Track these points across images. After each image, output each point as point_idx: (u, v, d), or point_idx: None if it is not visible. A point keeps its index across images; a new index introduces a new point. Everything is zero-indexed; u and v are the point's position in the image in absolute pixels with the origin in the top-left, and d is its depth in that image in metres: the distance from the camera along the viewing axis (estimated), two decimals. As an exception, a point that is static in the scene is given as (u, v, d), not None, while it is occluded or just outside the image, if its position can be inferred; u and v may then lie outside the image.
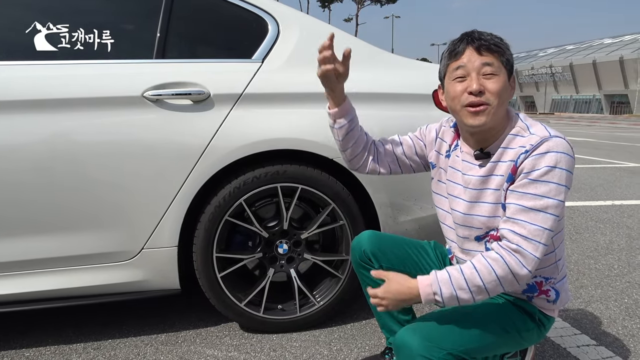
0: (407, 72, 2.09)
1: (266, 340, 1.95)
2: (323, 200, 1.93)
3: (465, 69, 1.22)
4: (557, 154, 1.16)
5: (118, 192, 1.76)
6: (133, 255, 1.83)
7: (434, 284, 1.18)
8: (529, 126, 1.24)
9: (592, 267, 2.80)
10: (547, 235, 1.16)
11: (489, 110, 1.21)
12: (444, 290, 1.17)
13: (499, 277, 1.16)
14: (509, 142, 1.24)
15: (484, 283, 1.16)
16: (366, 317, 2.15)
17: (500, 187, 1.25)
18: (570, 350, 1.85)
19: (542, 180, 1.15)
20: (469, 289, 1.17)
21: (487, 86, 1.21)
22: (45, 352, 1.86)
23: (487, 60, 1.21)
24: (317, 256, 2.01)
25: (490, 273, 1.16)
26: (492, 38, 1.23)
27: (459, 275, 1.17)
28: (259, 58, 1.92)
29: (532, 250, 1.15)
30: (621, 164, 7.56)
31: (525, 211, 1.17)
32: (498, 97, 1.21)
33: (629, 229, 3.63)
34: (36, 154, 1.69)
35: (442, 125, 1.49)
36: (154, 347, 1.91)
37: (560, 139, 1.18)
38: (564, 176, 1.16)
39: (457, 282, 1.17)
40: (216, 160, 1.80)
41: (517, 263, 1.16)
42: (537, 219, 1.16)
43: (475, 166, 1.31)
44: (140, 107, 1.77)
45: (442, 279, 1.18)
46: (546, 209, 1.16)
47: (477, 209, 1.30)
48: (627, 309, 2.24)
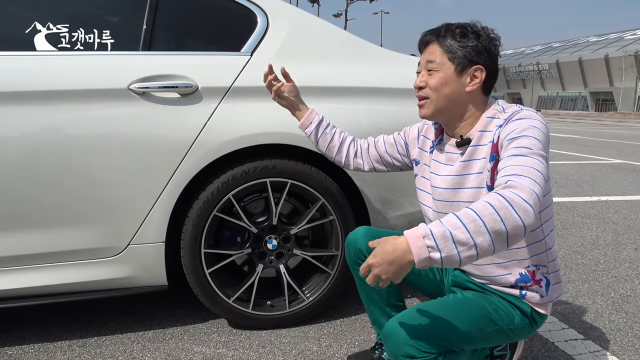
0: (397, 67, 2.08)
1: (255, 336, 1.93)
2: (313, 195, 1.91)
3: (420, 65, 1.35)
4: (531, 119, 1.20)
5: (103, 187, 1.73)
6: (119, 251, 1.80)
7: (425, 233, 0.99)
8: (505, 108, 1.30)
9: (579, 262, 2.83)
10: (539, 175, 1.06)
11: (428, 103, 1.32)
12: (436, 231, 0.98)
13: (495, 208, 0.99)
14: (486, 124, 1.29)
15: (481, 217, 0.98)
16: (356, 313, 2.15)
17: (483, 169, 1.26)
18: (558, 345, 1.86)
19: (522, 135, 1.16)
20: (464, 226, 0.98)
21: (427, 81, 1.31)
22: (29, 350, 1.82)
23: (430, 58, 1.31)
24: (306, 252, 1.99)
25: (484, 206, 1.00)
26: (445, 32, 1.30)
27: (451, 217, 1.01)
28: (248, 51, 1.90)
29: (527, 184, 1.03)
30: (607, 161, 7.66)
31: (513, 157, 1.12)
32: (436, 91, 1.30)
33: (615, 225, 3.67)
34: (19, 147, 1.65)
35: (425, 123, 1.54)
36: (140, 344, 1.88)
37: (532, 112, 1.24)
38: (541, 135, 1.17)
39: (450, 222, 0.99)
40: (204, 154, 1.77)
41: (513, 194, 1.01)
42: (525, 161, 1.10)
43: (457, 154, 1.35)
44: (126, 100, 1.73)
45: (434, 224, 1.00)
46: (532, 154, 1.11)
47: (461, 195, 1.31)
48: (614, 304, 2.26)
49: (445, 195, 1.35)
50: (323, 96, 1.90)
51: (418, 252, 0.97)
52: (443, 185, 1.35)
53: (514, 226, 0.98)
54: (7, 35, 1.74)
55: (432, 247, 0.97)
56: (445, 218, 1.00)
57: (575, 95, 56.69)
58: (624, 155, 8.53)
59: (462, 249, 0.97)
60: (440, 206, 1.37)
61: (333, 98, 1.92)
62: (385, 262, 1.00)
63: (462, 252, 0.97)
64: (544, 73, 60.02)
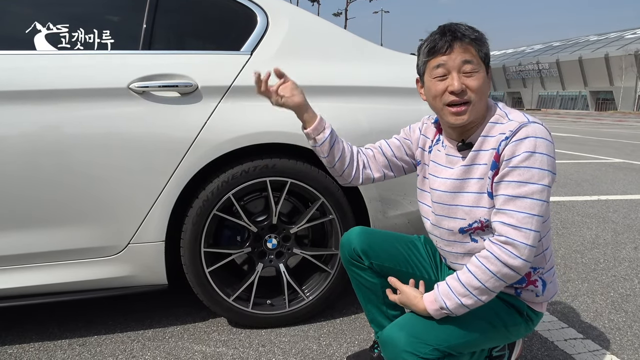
0: (396, 66, 2.08)
1: (255, 335, 1.94)
2: (312, 194, 1.91)
3: (446, 67, 1.21)
4: (536, 139, 1.17)
5: (103, 186, 1.73)
6: (119, 250, 1.80)
7: (438, 300, 1.20)
8: (507, 113, 1.25)
9: (578, 262, 2.83)
10: (536, 221, 1.16)
11: (471, 108, 1.22)
12: (449, 303, 1.19)
13: (495, 273, 1.17)
14: (489, 130, 1.25)
15: (482, 283, 1.17)
16: (355, 311, 2.15)
17: (484, 175, 1.25)
18: (557, 344, 1.86)
19: (524, 166, 1.16)
20: (471, 293, 1.18)
21: (469, 84, 1.21)
22: (29, 349, 1.82)
23: (467, 58, 1.20)
24: (306, 251, 2.00)
25: (484, 272, 1.17)
26: (471, 32, 1.22)
27: (457, 284, 1.19)
28: (248, 50, 1.90)
29: (523, 239, 1.15)
30: (606, 160, 7.66)
31: (512, 200, 1.17)
32: (480, 93, 1.22)
33: (615, 224, 3.67)
34: (19, 146, 1.65)
35: (423, 122, 1.50)
36: (140, 342, 1.88)
37: (538, 125, 1.19)
38: (545, 161, 1.17)
39: (458, 291, 1.19)
40: (204, 153, 1.77)
41: (509, 255, 1.16)
42: (524, 206, 1.16)
43: (458, 158, 1.32)
44: (126, 99, 1.73)
45: (444, 292, 1.20)
46: (531, 194, 1.16)
47: (460, 199, 1.30)
48: (613, 303, 2.26)
49: (445, 198, 1.34)
50: (323, 95, 1.90)
51: (436, 314, 1.22)
52: (442, 188, 1.34)
53: (512, 279, 1.20)
54: (7, 34, 1.74)
55: (446, 311, 1.20)
56: (453, 285, 1.20)
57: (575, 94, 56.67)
58: (623, 154, 8.53)
59: (472, 307, 1.21)
60: (438, 209, 1.37)
61: (332, 97, 1.92)
62: (406, 306, 1.30)
63: (472, 308, 1.21)
64: (544, 72, 59.99)
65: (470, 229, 1.30)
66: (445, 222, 1.36)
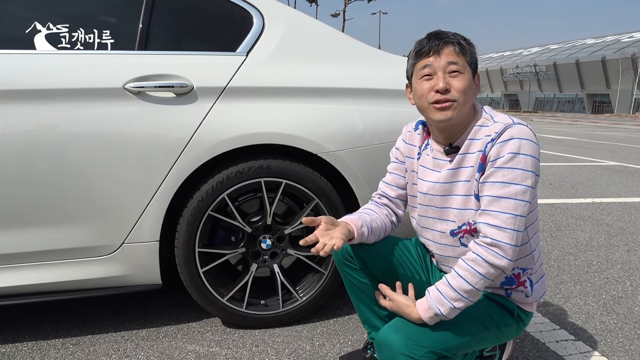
0: (391, 68, 2.09)
1: (248, 335, 1.94)
2: (307, 195, 1.92)
3: (432, 67, 1.26)
4: (520, 140, 1.20)
5: (98, 186, 1.73)
6: (114, 250, 1.81)
7: (431, 307, 1.22)
8: (493, 116, 1.29)
9: (571, 264, 2.84)
10: (519, 221, 1.20)
11: (455, 105, 1.25)
12: (442, 309, 1.21)
13: (484, 275, 1.20)
14: (475, 133, 1.29)
15: (473, 285, 1.20)
16: (349, 312, 2.16)
17: (471, 177, 1.28)
18: (549, 345, 1.88)
19: (507, 167, 1.19)
20: (462, 296, 1.21)
21: (453, 84, 1.25)
22: (22, 348, 1.82)
23: (453, 59, 1.25)
24: (300, 251, 2.00)
25: (474, 274, 1.21)
26: (459, 38, 1.28)
27: (448, 289, 1.22)
28: (244, 51, 1.90)
29: (507, 240, 1.19)
30: (602, 163, 7.70)
31: (496, 200, 1.20)
32: (463, 94, 1.25)
33: (608, 226, 3.70)
34: (14, 145, 1.65)
35: (405, 132, 1.52)
36: (134, 342, 1.88)
37: (523, 126, 1.23)
38: (529, 162, 1.20)
39: (450, 295, 1.21)
40: (199, 154, 1.78)
41: (496, 256, 1.20)
42: (508, 206, 1.19)
43: (445, 162, 1.35)
44: (121, 100, 1.73)
45: (436, 299, 1.22)
46: (515, 195, 1.19)
47: (450, 202, 1.33)
48: (605, 305, 2.28)
49: (435, 201, 1.36)
50: (318, 97, 1.91)
51: (429, 321, 1.23)
52: (432, 192, 1.37)
53: (498, 278, 1.26)
54: (5, 33, 1.74)
55: (440, 317, 1.22)
56: (445, 291, 1.21)
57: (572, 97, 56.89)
58: (619, 157, 8.57)
59: (462, 308, 1.23)
60: (430, 212, 1.39)
61: (328, 99, 1.93)
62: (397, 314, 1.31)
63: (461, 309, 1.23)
64: (541, 75, 60.21)
65: (460, 231, 1.32)
66: (437, 224, 1.38)
